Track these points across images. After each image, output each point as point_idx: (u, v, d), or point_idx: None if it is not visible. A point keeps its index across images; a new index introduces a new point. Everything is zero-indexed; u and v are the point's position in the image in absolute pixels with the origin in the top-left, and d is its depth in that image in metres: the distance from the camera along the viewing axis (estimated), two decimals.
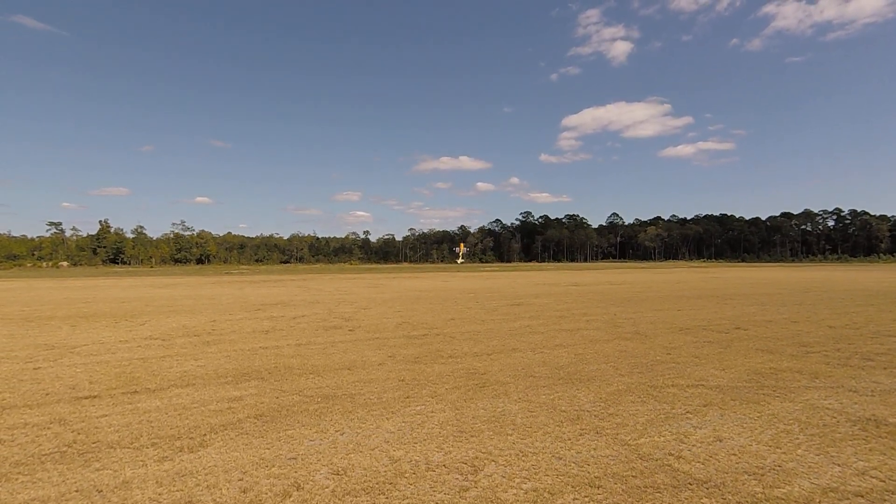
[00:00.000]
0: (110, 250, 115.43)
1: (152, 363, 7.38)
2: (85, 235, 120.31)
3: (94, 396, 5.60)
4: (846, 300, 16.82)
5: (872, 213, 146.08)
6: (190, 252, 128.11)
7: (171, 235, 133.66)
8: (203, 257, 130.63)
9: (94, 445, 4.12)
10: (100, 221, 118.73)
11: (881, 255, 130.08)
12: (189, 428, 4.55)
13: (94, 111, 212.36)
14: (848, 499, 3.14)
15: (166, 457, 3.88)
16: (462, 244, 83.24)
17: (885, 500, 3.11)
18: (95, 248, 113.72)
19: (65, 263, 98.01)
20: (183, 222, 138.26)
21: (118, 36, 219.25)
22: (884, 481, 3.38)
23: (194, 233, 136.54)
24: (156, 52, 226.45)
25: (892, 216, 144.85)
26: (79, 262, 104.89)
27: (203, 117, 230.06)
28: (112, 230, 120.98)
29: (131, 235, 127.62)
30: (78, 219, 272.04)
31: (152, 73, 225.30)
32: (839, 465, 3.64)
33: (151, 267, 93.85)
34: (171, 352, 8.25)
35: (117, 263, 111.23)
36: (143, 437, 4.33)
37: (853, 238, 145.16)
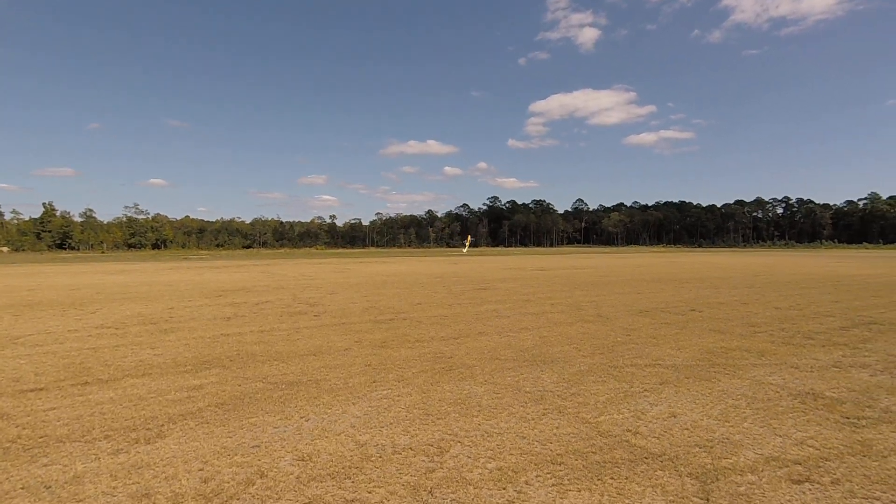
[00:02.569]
0: (56, 235, 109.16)
1: (104, 353, 7.07)
2: (27, 219, 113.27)
3: (41, 389, 5.33)
4: (791, 284, 17.82)
5: (817, 202, 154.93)
6: (144, 237, 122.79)
7: (124, 219, 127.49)
8: (159, 242, 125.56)
9: (41, 440, 3.92)
10: (44, 204, 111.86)
11: (823, 241, 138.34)
12: (145, 419, 4.40)
13: (34, 87, 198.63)
14: (787, 466, 3.36)
15: (121, 449, 3.74)
16: (469, 236, 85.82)
17: (819, 467, 3.35)
18: (39, 233, 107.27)
19: (5, 249, 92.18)
20: (136, 205, 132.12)
21: (60, 7, 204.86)
22: (819, 449, 3.63)
23: (149, 216, 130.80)
24: (103, 26, 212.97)
25: (834, 205, 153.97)
26: (21, 247, 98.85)
27: (157, 95, 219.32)
28: (58, 213, 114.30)
29: (79, 219, 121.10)
30: (19, 201, 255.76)
31: (98, 48, 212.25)
32: (780, 436, 3.88)
33: (102, 252, 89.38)
34: (124, 341, 7.93)
35: (64, 249, 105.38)
36: (95, 429, 4.15)
37: (799, 225, 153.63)
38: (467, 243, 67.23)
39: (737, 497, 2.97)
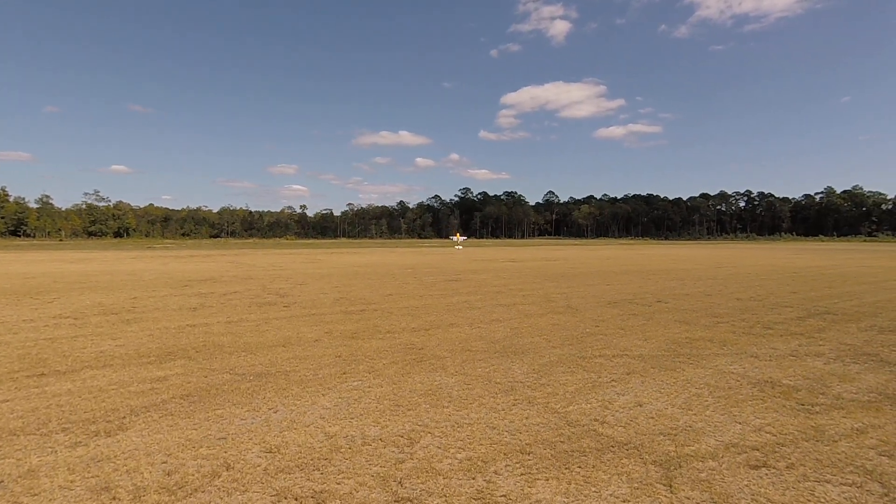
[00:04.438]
0: (10, 221, 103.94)
1: (62, 343, 6.78)
2: None
3: None
4: (752, 275, 18.51)
5: (777, 196, 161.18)
6: (106, 225, 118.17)
7: (83, 206, 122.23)
8: (121, 230, 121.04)
9: None
10: None
11: (783, 233, 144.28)
12: (106, 411, 4.24)
13: None
14: (746, 452, 3.50)
15: (79, 442, 3.60)
16: (458, 233, 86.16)
17: (775, 453, 3.50)
18: None
19: None
20: (97, 192, 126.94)
21: None
22: (775, 436, 3.80)
23: (110, 204, 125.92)
24: (60, 3, 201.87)
25: (793, 198, 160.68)
26: None
27: (118, 78, 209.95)
28: (11, 199, 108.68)
29: (35, 205, 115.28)
30: None
31: (56, 26, 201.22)
32: (740, 423, 4.04)
33: (61, 240, 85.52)
34: (84, 331, 7.62)
35: (19, 236, 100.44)
36: (52, 422, 3.98)
37: (760, 218, 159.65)
38: (458, 238, 66.76)
39: (698, 483, 3.07)
